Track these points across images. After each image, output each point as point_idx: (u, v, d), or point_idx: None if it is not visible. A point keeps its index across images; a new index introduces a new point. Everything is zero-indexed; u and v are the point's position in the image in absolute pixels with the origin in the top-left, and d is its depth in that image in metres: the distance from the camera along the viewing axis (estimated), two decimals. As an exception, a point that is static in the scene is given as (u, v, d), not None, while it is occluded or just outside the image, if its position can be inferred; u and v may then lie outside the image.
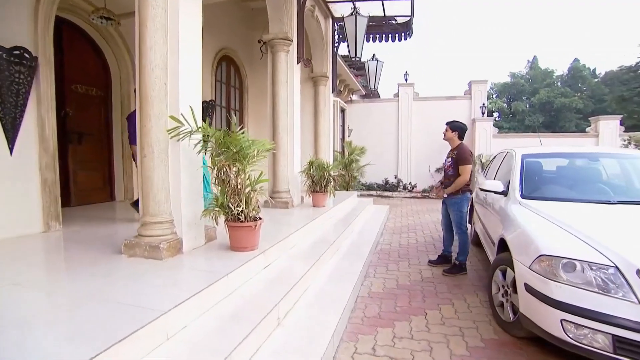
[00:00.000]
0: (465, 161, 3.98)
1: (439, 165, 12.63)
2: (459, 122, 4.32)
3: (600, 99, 27.24)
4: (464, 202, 4.08)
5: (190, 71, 2.98)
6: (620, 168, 3.50)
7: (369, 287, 3.69)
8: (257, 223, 3.02)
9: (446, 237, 4.43)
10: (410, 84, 12.45)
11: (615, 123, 10.43)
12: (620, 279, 2.01)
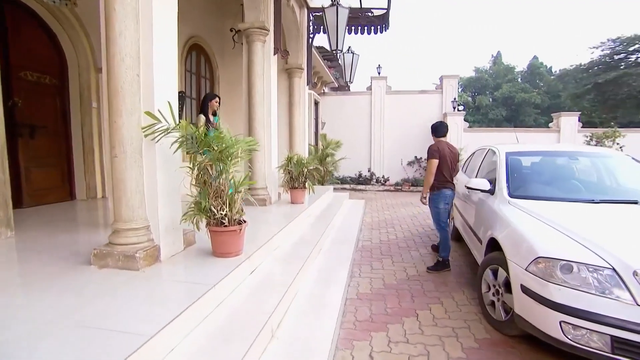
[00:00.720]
0: (428, 156, 4.10)
1: (410, 159, 12.86)
2: (438, 122, 4.43)
3: (555, 95, 28.92)
4: (440, 199, 4.08)
5: (165, 61, 2.69)
6: (596, 167, 3.62)
7: (356, 287, 3.61)
8: (242, 227, 2.82)
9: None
10: (383, 77, 12.47)
11: (575, 119, 11.04)
12: (617, 280, 2.04)
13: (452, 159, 4.13)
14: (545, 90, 29.17)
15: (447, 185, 4.08)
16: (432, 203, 4.19)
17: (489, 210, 3.25)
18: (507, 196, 3.14)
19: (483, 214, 3.43)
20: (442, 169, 4.04)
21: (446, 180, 4.07)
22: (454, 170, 4.18)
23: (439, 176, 4.05)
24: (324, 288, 3.20)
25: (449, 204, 4.16)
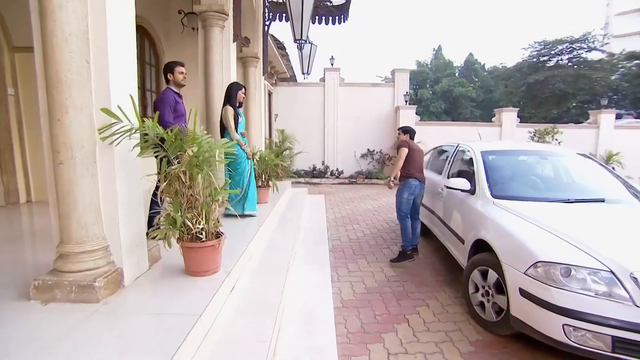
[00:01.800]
0: (398, 147, 4.28)
1: (364, 152, 12.96)
2: (408, 126, 4.58)
3: (488, 90, 31.33)
4: (405, 188, 4.17)
5: (122, 45, 2.21)
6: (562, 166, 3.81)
7: (339, 294, 3.42)
8: (221, 241, 2.47)
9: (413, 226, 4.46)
10: (336, 68, 12.32)
11: (514, 115, 11.93)
12: (616, 282, 2.08)
13: (421, 154, 4.33)
14: (479, 85, 31.41)
15: (415, 175, 4.15)
16: (397, 193, 4.28)
17: (472, 211, 3.24)
18: (491, 197, 3.15)
19: (464, 214, 3.42)
20: (410, 160, 4.16)
21: (415, 170, 4.15)
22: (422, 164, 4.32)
23: (407, 167, 4.16)
24: (313, 300, 2.98)
25: (414, 195, 4.19)
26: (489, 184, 3.29)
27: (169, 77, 3.35)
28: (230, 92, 4.24)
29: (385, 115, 12.58)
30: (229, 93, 4.25)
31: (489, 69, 34.25)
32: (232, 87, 4.29)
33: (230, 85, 4.33)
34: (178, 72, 3.35)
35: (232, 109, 4.13)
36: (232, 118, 4.11)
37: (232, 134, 4.10)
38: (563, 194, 3.21)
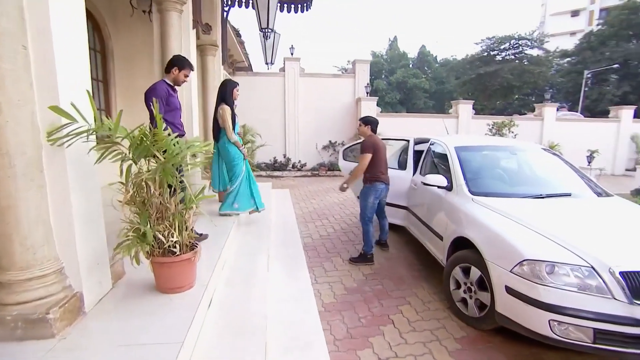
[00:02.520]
0: (362, 150, 3.99)
1: (325, 143, 12.87)
2: (371, 116, 4.26)
3: (440, 81, 32.61)
4: (371, 192, 3.99)
5: (70, 26, 1.85)
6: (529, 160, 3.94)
7: (319, 297, 3.29)
8: (197, 252, 2.22)
9: (381, 223, 4.44)
10: (296, 58, 12.00)
11: (470, 107, 12.46)
12: (596, 277, 2.15)
13: (384, 152, 4.11)
14: (432, 77, 32.57)
15: (382, 179, 4.00)
16: (362, 196, 4.11)
17: (452, 208, 3.24)
18: (469, 194, 3.17)
19: (442, 211, 3.42)
20: (377, 162, 3.96)
21: (381, 173, 4.00)
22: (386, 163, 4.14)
23: (373, 170, 3.97)
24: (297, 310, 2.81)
25: (380, 198, 4.08)
26: (466, 181, 3.31)
27: (173, 71, 3.12)
28: (224, 89, 4.00)
29: (347, 107, 12.54)
30: (224, 91, 4.01)
31: (441, 61, 35.61)
32: (227, 84, 4.03)
33: (224, 83, 4.07)
34: (184, 74, 3.18)
35: (229, 107, 3.91)
36: (230, 118, 3.90)
37: (230, 134, 3.91)
38: (534, 189, 3.31)
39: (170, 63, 3.18)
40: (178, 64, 3.14)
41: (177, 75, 3.16)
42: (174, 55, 3.28)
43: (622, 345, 2.11)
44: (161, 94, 2.98)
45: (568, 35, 34.87)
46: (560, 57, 27.14)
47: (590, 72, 23.18)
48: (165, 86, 3.08)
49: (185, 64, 3.19)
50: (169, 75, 3.16)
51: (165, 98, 3.01)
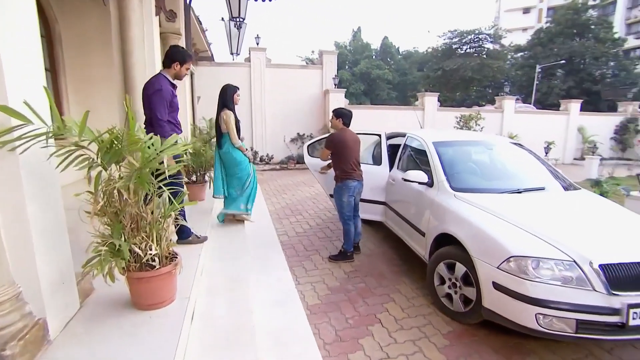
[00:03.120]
0: (324, 145, 3.92)
1: (293, 136, 12.68)
2: (343, 108, 4.08)
3: (403, 73, 33.20)
4: (343, 190, 3.87)
5: (16, 10, 1.58)
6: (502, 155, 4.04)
7: (303, 299, 3.20)
8: (178, 263, 2.03)
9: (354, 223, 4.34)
10: (262, 48, 11.62)
11: (435, 99, 12.75)
12: (578, 271, 2.24)
13: (356, 148, 3.93)
14: (395, 68, 33.07)
15: (353, 176, 3.86)
16: (336, 195, 3.99)
17: (434, 204, 3.25)
18: (451, 190, 3.19)
19: (423, 207, 3.42)
20: (347, 159, 3.82)
21: (352, 170, 3.85)
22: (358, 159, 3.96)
23: (344, 166, 3.83)
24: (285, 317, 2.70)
25: (354, 195, 3.95)
26: (446, 177, 3.32)
27: (174, 67, 2.90)
28: (225, 95, 3.99)
29: (314, 98, 12.40)
30: (224, 96, 4.00)
31: (403, 53, 36.24)
32: (227, 90, 4.02)
33: (224, 88, 4.04)
34: (186, 67, 2.97)
35: (231, 112, 3.94)
36: (234, 123, 3.92)
37: (235, 139, 3.96)
38: (511, 184, 3.39)
39: (169, 57, 2.90)
40: (179, 58, 2.90)
41: (179, 71, 2.93)
42: (171, 46, 3.02)
43: (601, 334, 2.22)
44: (167, 96, 2.79)
45: (521, 31, 36.80)
46: (514, 51, 28.66)
47: (541, 67, 24.67)
48: (169, 86, 2.87)
49: (187, 56, 2.94)
50: (170, 71, 2.92)
51: (169, 100, 2.82)
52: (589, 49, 24.11)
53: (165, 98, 2.79)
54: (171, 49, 2.97)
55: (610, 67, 25.69)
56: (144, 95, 2.85)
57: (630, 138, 14.34)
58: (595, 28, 25.43)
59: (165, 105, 2.79)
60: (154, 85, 2.80)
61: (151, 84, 2.81)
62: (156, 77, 2.88)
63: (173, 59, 2.90)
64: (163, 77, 2.88)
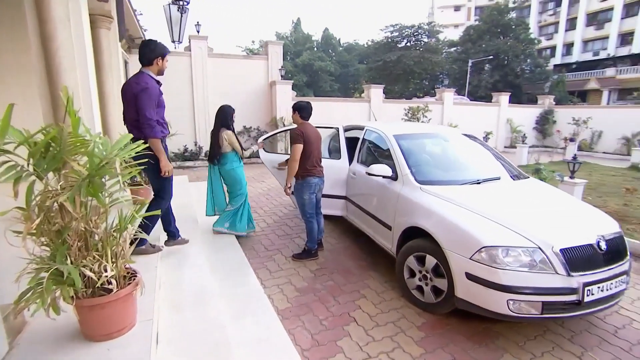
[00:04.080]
0: (292, 141, 3.71)
1: (239, 129, 12.18)
2: (302, 101, 3.93)
3: (344, 65, 33.61)
4: (304, 188, 3.75)
5: None
6: (457, 147, 4.18)
7: (272, 303, 3.03)
8: (139, 283, 1.76)
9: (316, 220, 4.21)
10: (203, 36, 10.87)
11: (380, 91, 12.98)
12: (542, 256, 2.37)
13: (318, 143, 3.81)
14: (336, 60, 33.37)
15: (314, 172, 3.73)
16: (296, 192, 3.85)
17: (400, 197, 3.25)
18: (417, 183, 3.20)
19: (389, 200, 3.41)
20: (307, 155, 3.66)
21: (313, 167, 3.73)
22: (320, 155, 3.85)
23: (305, 163, 3.68)
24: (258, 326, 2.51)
25: (316, 192, 3.84)
26: (411, 170, 3.34)
27: (157, 62, 2.85)
28: (223, 115, 4.16)
29: (260, 90, 11.99)
30: (223, 116, 4.16)
31: (344, 45, 36.70)
32: (225, 110, 4.20)
33: (222, 108, 4.21)
34: (166, 60, 2.95)
35: (231, 132, 4.19)
36: (236, 140, 4.20)
37: (241, 152, 4.27)
38: (471, 175, 3.50)
39: (149, 54, 2.82)
40: (160, 52, 2.85)
41: (161, 66, 2.91)
42: (145, 41, 2.88)
43: (562, 312, 2.40)
44: (155, 95, 2.76)
45: (453, 27, 39.24)
46: (448, 46, 30.56)
47: (472, 62, 26.61)
48: (155, 84, 2.82)
49: (165, 49, 2.91)
50: (152, 67, 2.86)
51: (157, 99, 2.80)
52: (511, 47, 26.56)
53: (153, 96, 2.73)
54: (148, 44, 2.85)
55: (528, 64, 28.56)
56: (126, 94, 2.77)
57: (549, 128, 16.06)
58: (515, 28, 28.01)
59: (153, 104, 2.73)
60: (140, 83, 2.72)
61: (136, 83, 2.73)
62: (139, 75, 2.80)
63: (155, 54, 2.82)
64: (147, 75, 2.80)
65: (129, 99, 2.75)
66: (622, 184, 8.50)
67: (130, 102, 2.74)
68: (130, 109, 2.79)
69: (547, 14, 35.64)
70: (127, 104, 2.82)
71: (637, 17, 28.36)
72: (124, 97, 2.88)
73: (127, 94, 2.80)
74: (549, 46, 34.74)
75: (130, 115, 2.83)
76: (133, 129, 2.80)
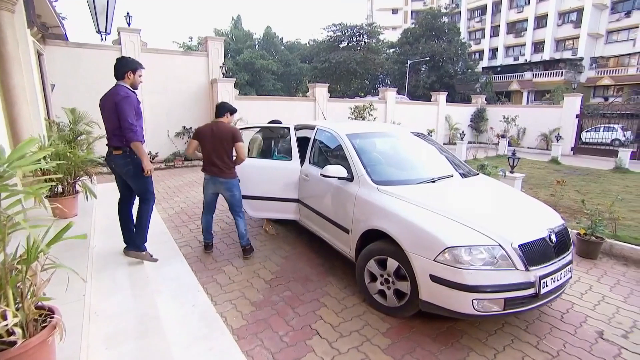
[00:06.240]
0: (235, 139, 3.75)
1: (179, 130, 11.41)
2: (219, 102, 3.97)
3: (286, 64, 33.19)
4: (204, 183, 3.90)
5: None
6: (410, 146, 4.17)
7: (225, 322, 2.73)
8: (57, 325, 1.40)
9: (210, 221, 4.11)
10: (135, 29, 9.92)
11: (325, 90, 12.93)
12: (503, 253, 2.38)
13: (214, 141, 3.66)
14: (279, 59, 32.88)
15: (205, 169, 3.82)
16: (235, 189, 3.87)
17: (356, 199, 3.11)
18: (374, 184, 3.09)
19: (345, 202, 3.27)
20: (203, 150, 3.76)
21: (206, 164, 3.79)
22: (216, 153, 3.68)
23: (203, 159, 3.79)
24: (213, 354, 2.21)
25: (206, 189, 3.90)
26: (366, 170, 3.24)
27: (128, 75, 3.05)
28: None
29: (201, 88, 11.32)
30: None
31: (286, 43, 36.38)
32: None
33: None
34: (139, 74, 3.14)
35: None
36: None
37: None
38: (425, 174, 3.44)
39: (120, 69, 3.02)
40: (131, 66, 3.05)
41: (133, 79, 3.09)
42: (118, 58, 3.09)
43: (522, 306, 2.43)
44: (135, 103, 2.98)
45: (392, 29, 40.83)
46: (388, 47, 31.74)
47: (410, 63, 27.91)
48: (132, 93, 3.03)
49: (137, 64, 3.11)
50: (125, 81, 3.05)
51: (136, 107, 3.00)
52: (445, 50, 28.31)
53: (134, 106, 2.96)
54: (119, 61, 3.05)
55: (460, 66, 30.71)
56: (107, 105, 2.95)
57: (483, 125, 17.35)
58: (448, 32, 29.94)
59: (134, 112, 2.93)
60: (119, 93, 2.92)
61: (115, 93, 2.93)
62: (117, 87, 2.99)
63: (125, 69, 3.01)
64: (123, 86, 3.00)
65: (109, 109, 2.93)
66: (546, 176, 9.40)
67: (111, 112, 2.90)
68: (111, 119, 2.95)
69: (475, 20, 38.62)
70: (107, 115, 2.99)
71: (545, 29, 31.95)
72: (103, 109, 3.04)
73: (107, 105, 2.98)
74: (478, 50, 37.67)
75: (111, 125, 3.00)
76: (114, 137, 3.02)
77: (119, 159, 3.09)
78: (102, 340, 1.96)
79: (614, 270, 3.82)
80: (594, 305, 3.08)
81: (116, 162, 3.14)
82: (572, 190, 7.46)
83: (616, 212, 4.66)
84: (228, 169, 3.74)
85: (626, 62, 29.50)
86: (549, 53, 32.11)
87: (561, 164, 11.59)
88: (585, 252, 4.07)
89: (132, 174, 3.12)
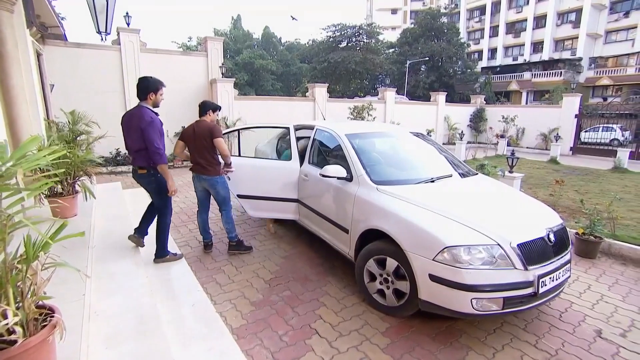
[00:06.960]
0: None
1: (178, 130, 11.38)
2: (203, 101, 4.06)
3: (286, 64, 33.21)
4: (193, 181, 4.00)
5: None
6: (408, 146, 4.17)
7: (225, 321, 2.74)
8: (57, 324, 1.40)
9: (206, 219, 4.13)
10: (135, 30, 9.92)
11: (325, 90, 12.94)
12: (502, 252, 2.39)
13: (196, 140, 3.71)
14: (278, 59, 32.89)
15: (192, 167, 3.89)
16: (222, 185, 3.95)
17: (356, 199, 3.11)
18: (373, 184, 3.10)
19: (345, 202, 3.27)
20: (189, 151, 3.83)
21: (192, 162, 3.85)
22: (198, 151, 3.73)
23: (190, 158, 3.85)
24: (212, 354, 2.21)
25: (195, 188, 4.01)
26: (366, 170, 3.24)
27: (150, 97, 3.18)
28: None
29: (200, 88, 11.32)
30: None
31: (285, 44, 36.38)
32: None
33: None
34: (161, 93, 3.25)
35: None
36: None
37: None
38: (424, 174, 3.45)
39: (142, 90, 3.14)
40: (152, 88, 3.15)
41: (155, 99, 3.21)
42: (140, 78, 3.21)
43: (520, 305, 2.44)
44: (158, 126, 3.12)
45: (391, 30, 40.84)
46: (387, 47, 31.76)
47: (410, 63, 27.92)
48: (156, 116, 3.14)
49: (159, 83, 3.20)
50: (147, 101, 3.17)
51: (160, 129, 3.13)
52: (444, 50, 28.32)
53: (158, 127, 3.10)
54: (141, 82, 3.17)
55: (460, 66, 30.72)
56: (131, 126, 3.09)
57: (482, 125, 17.37)
58: (447, 32, 29.94)
59: (159, 135, 3.09)
60: (144, 117, 3.03)
61: (140, 117, 3.04)
62: (141, 110, 3.10)
63: (148, 90, 3.14)
64: (146, 109, 3.13)
65: (133, 130, 3.07)
66: (545, 176, 9.41)
67: (136, 133, 3.05)
68: (135, 139, 3.10)
69: (474, 20, 38.62)
70: (132, 135, 3.13)
71: (544, 29, 31.96)
72: (128, 128, 3.17)
73: (132, 125, 3.10)
74: (477, 50, 37.68)
75: (135, 145, 3.14)
76: (139, 158, 3.19)
77: (143, 177, 3.33)
78: (102, 340, 1.96)
79: (613, 269, 3.84)
80: (592, 305, 3.09)
81: (141, 180, 3.40)
82: (571, 190, 7.48)
83: (615, 212, 4.67)
84: (211, 167, 3.76)
85: (625, 62, 29.55)
86: (548, 53, 32.15)
87: (560, 164, 11.61)
88: (584, 251, 4.08)
89: (156, 191, 3.37)
